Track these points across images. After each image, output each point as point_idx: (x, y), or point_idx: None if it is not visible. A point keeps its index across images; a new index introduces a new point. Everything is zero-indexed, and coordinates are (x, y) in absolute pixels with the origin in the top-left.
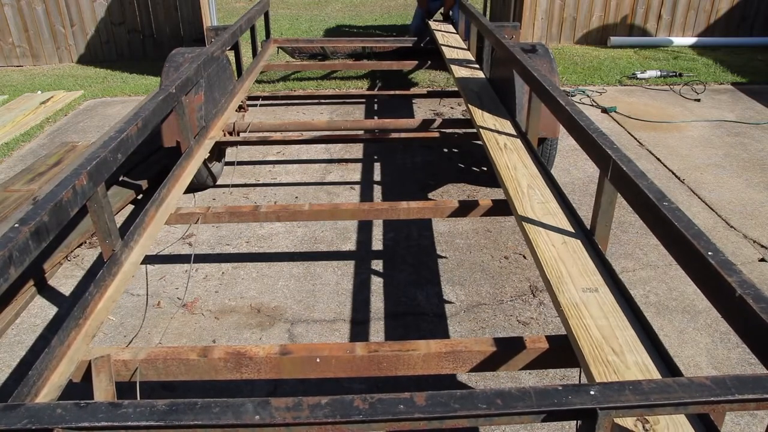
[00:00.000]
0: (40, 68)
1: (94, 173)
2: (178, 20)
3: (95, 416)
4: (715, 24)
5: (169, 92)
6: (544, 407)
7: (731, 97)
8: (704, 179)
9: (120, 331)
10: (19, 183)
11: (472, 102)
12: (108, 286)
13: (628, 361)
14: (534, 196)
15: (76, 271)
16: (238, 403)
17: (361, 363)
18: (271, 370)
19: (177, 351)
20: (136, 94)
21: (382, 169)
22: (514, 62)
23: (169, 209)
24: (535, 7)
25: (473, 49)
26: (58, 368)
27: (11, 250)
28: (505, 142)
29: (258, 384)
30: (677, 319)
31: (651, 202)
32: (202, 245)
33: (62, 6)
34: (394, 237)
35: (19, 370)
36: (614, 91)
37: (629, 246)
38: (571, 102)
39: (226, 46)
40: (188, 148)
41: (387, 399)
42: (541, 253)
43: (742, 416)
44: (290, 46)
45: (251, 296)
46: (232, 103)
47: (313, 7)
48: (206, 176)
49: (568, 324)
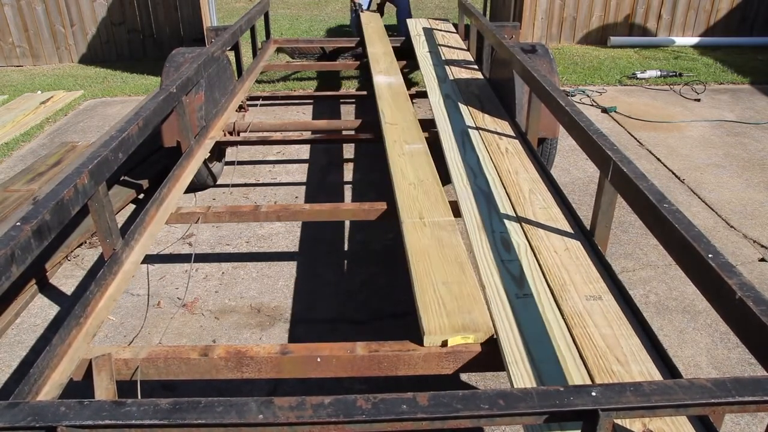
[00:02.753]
0: (40, 68)
1: (96, 172)
2: (178, 20)
3: (99, 414)
4: (715, 24)
5: (170, 92)
6: (546, 408)
7: (731, 97)
8: (704, 179)
9: (120, 331)
10: (19, 183)
11: (470, 103)
12: (109, 285)
13: (633, 371)
14: (536, 202)
15: (76, 270)
16: (242, 403)
17: (361, 363)
18: (272, 369)
19: (178, 350)
20: (136, 94)
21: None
22: (514, 62)
23: (169, 209)
24: (535, 7)
25: (473, 49)
26: (59, 367)
27: (13, 248)
28: (506, 146)
29: (258, 384)
30: (677, 319)
31: (651, 203)
32: (202, 245)
33: (62, 6)
34: (393, 237)
35: (19, 369)
36: (614, 91)
37: (629, 246)
38: (571, 102)
39: (226, 47)
40: (188, 147)
41: (390, 399)
42: (544, 260)
43: (742, 416)
44: (290, 47)
45: (251, 296)
46: (233, 103)
47: (313, 7)
48: (206, 176)
49: (572, 333)
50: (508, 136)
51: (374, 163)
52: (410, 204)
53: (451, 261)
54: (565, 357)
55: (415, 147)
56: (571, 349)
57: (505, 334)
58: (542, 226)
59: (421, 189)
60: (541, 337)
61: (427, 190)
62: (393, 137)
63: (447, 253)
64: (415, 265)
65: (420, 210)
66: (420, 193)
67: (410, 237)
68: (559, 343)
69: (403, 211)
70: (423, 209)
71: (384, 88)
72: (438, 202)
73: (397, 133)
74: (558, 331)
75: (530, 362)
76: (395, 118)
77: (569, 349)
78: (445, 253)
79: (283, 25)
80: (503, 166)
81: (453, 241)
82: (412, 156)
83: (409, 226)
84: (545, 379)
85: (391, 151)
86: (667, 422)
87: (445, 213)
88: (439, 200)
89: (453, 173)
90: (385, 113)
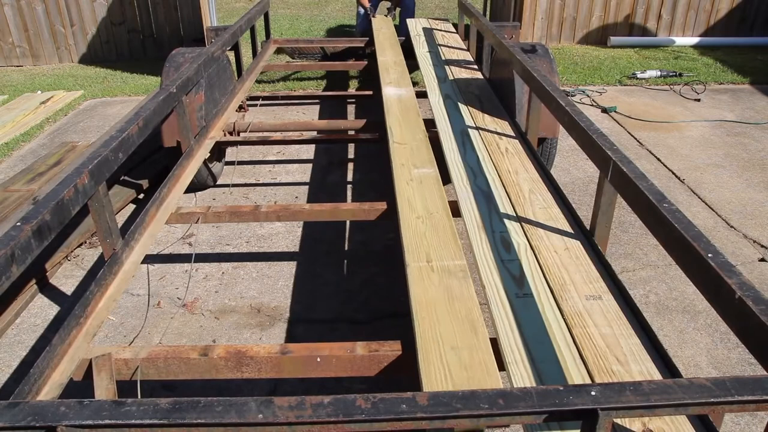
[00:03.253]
0: (40, 68)
1: (96, 172)
2: (178, 20)
3: (99, 414)
4: (715, 24)
5: (170, 92)
6: (546, 407)
7: (731, 97)
8: (704, 179)
9: (120, 331)
10: (19, 183)
11: (470, 103)
12: (109, 285)
13: (633, 371)
14: (536, 201)
15: (76, 270)
16: (242, 402)
17: (361, 363)
18: (272, 369)
19: (178, 350)
20: (136, 94)
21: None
22: (514, 62)
23: (169, 209)
24: (535, 6)
25: (473, 49)
26: (59, 367)
27: (14, 248)
28: (506, 146)
29: (258, 384)
30: (677, 319)
31: (651, 203)
32: (202, 245)
33: (62, 6)
34: (393, 237)
35: (19, 369)
36: (614, 91)
37: (629, 246)
38: (571, 102)
39: (226, 47)
40: (188, 148)
41: (389, 398)
42: (544, 260)
43: (742, 416)
44: (290, 47)
45: (251, 296)
46: (233, 103)
47: (313, 7)
48: (206, 176)
49: (572, 332)
50: (508, 136)
51: (374, 163)
52: (417, 243)
53: (461, 319)
54: (565, 357)
55: (425, 172)
56: (571, 349)
57: (504, 333)
58: (542, 225)
59: (430, 223)
60: (541, 336)
61: (436, 225)
62: (401, 160)
63: (457, 308)
64: (419, 322)
65: (428, 250)
66: (428, 228)
67: (415, 287)
68: (559, 342)
69: (409, 252)
70: (431, 249)
71: (393, 102)
72: (448, 239)
73: (406, 155)
74: (558, 330)
75: (530, 362)
76: (404, 137)
77: (569, 349)
78: (454, 309)
79: (283, 25)
80: (503, 166)
81: (465, 293)
82: (421, 183)
83: (415, 271)
84: (545, 379)
85: (398, 176)
86: (667, 422)
87: (455, 254)
88: (450, 237)
89: (453, 173)
90: (394, 131)
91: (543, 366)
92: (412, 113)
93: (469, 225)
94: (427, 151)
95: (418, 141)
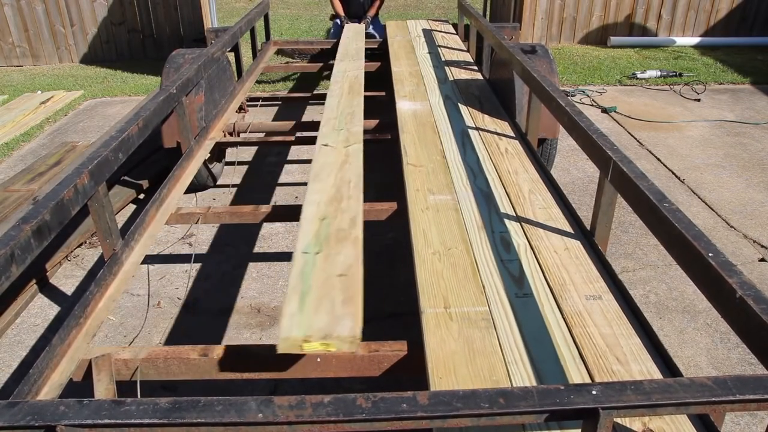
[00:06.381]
0: (40, 68)
1: (96, 172)
2: (178, 20)
3: (98, 414)
4: (715, 24)
5: (170, 93)
6: (547, 406)
7: (731, 97)
8: (704, 179)
9: (120, 331)
10: (19, 183)
11: (470, 103)
12: (109, 286)
13: (633, 371)
14: (536, 202)
15: (76, 271)
16: (241, 401)
17: (361, 363)
18: (272, 369)
19: (178, 350)
20: (136, 94)
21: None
22: (514, 63)
23: (169, 209)
24: (535, 7)
25: (472, 50)
26: (58, 367)
27: (13, 248)
28: (506, 147)
29: (258, 384)
30: (677, 319)
31: (652, 203)
32: (202, 245)
33: (62, 6)
34: (393, 237)
35: (19, 370)
36: (614, 91)
37: (629, 246)
38: (571, 103)
39: (226, 48)
40: (188, 148)
41: (390, 398)
42: (544, 260)
43: (742, 416)
44: (290, 48)
45: (251, 296)
46: (233, 104)
47: (313, 7)
48: (206, 177)
49: (572, 332)
50: (507, 137)
51: (375, 162)
52: (433, 283)
53: (484, 378)
54: (565, 357)
55: (442, 199)
56: (571, 349)
57: (504, 333)
58: (542, 225)
59: (448, 261)
60: (541, 336)
61: (455, 263)
62: (416, 184)
63: (479, 365)
64: (436, 381)
65: (445, 294)
66: (446, 266)
67: (431, 337)
68: (559, 342)
69: (423, 295)
70: (449, 292)
71: (408, 118)
72: (468, 279)
73: (421, 179)
74: (558, 330)
75: (530, 362)
76: (419, 158)
77: (569, 349)
78: (476, 366)
79: (283, 25)
80: (503, 167)
81: (488, 346)
82: (438, 212)
83: (431, 318)
84: (545, 379)
85: (413, 204)
86: (667, 421)
87: (477, 298)
88: (470, 277)
89: (453, 173)
90: (408, 152)
91: (543, 366)
92: (429, 131)
93: (469, 225)
94: (444, 175)
95: (435, 163)
